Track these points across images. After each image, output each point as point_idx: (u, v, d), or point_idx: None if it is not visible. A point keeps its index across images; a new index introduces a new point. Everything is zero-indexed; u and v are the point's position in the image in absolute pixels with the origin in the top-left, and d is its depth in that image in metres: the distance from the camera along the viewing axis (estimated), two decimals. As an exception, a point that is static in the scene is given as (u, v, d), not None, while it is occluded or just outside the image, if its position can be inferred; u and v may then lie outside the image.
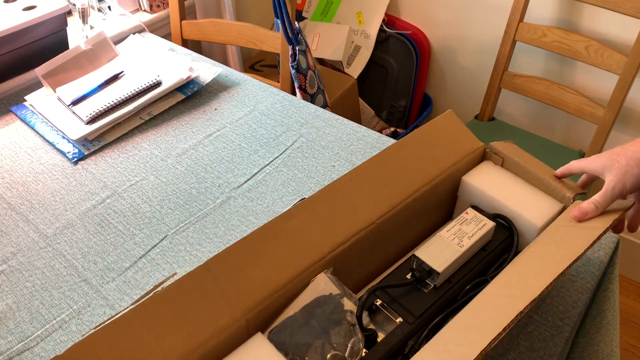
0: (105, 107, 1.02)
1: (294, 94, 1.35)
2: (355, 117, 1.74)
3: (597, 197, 0.61)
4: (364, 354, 0.55)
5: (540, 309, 0.70)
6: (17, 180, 0.93)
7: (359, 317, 0.55)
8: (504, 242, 0.66)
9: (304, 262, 0.58)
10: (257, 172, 0.93)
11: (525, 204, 0.67)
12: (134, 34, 1.30)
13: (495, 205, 0.69)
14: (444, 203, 0.74)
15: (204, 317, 0.53)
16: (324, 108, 1.22)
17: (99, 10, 1.33)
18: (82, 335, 0.69)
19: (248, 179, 0.92)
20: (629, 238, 1.64)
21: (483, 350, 0.47)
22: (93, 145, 0.99)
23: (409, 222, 0.68)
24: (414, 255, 0.61)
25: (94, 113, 1.00)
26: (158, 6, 1.42)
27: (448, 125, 0.73)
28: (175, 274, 0.76)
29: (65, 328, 0.70)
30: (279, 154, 0.97)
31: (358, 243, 0.62)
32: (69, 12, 1.21)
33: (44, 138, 1.01)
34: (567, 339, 0.67)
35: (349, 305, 0.56)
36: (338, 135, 1.00)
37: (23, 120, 1.05)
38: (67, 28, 1.17)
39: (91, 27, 1.25)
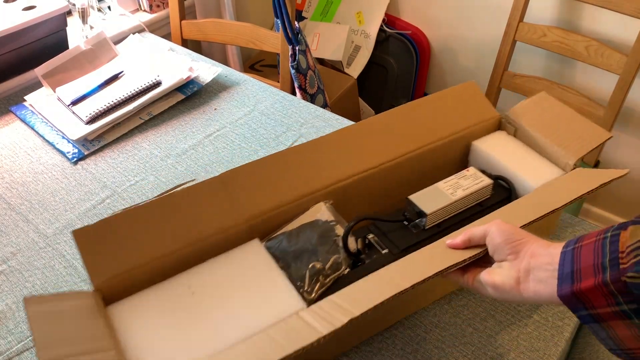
0: (105, 107, 1.01)
1: (294, 94, 1.35)
2: (355, 117, 1.74)
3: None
4: (346, 273, 0.60)
5: (540, 309, 0.70)
6: (17, 180, 0.93)
7: (344, 239, 0.60)
8: (501, 201, 0.68)
9: (307, 189, 0.64)
10: (257, 172, 0.93)
11: (527, 168, 0.70)
12: (133, 34, 1.30)
13: (499, 169, 0.71)
14: (455, 167, 0.75)
15: (211, 216, 0.60)
16: (324, 108, 1.22)
17: (99, 10, 1.33)
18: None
19: (248, 179, 0.92)
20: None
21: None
22: (93, 145, 0.99)
23: (416, 178, 0.71)
24: (407, 198, 0.64)
25: (94, 113, 1.00)
26: (158, 6, 1.42)
27: (468, 93, 0.77)
28: (194, 180, 0.77)
29: (65, 328, 0.70)
30: (279, 154, 0.97)
31: (358, 183, 0.66)
32: (69, 12, 1.21)
33: (44, 138, 1.01)
34: (567, 339, 0.67)
35: (340, 231, 0.62)
36: (338, 135, 1.00)
37: (23, 120, 1.05)
38: (67, 28, 1.17)
39: (91, 27, 1.25)
